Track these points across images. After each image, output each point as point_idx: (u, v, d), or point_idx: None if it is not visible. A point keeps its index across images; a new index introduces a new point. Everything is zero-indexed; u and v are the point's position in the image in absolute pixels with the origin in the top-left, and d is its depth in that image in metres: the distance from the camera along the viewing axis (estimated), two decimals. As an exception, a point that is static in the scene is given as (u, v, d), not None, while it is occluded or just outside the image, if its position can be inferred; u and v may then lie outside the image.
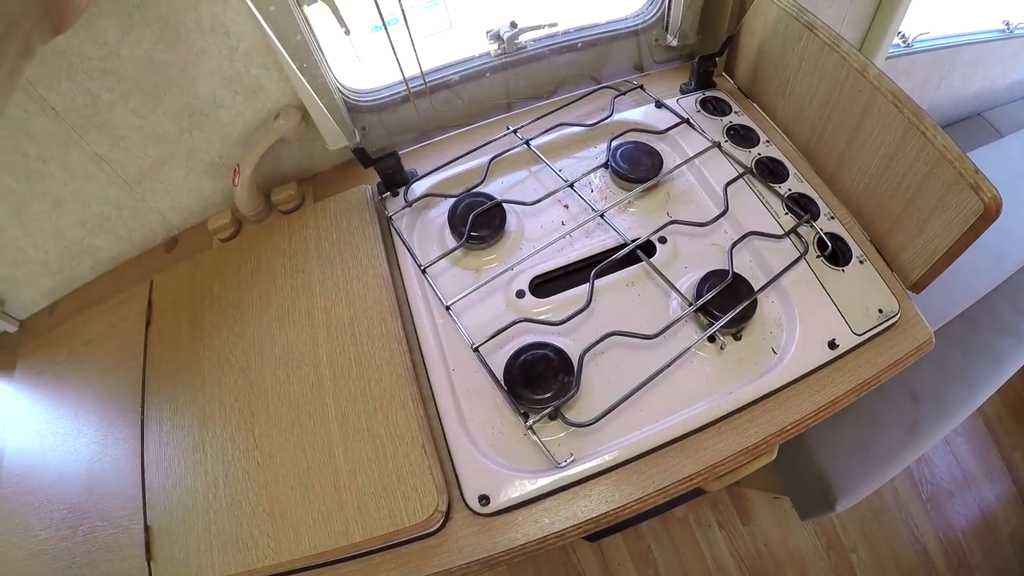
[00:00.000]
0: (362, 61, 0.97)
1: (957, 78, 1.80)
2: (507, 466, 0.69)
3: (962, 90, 1.90)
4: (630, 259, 0.82)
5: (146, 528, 0.70)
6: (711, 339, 0.76)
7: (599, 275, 0.79)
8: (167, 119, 0.81)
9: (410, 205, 0.88)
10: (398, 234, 0.85)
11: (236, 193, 0.88)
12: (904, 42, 1.52)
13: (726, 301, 0.76)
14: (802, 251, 0.82)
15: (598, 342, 0.73)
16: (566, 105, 1.00)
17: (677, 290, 0.79)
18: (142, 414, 0.77)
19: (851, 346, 0.77)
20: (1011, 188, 1.64)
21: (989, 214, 0.69)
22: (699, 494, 1.45)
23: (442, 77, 0.95)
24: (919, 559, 1.88)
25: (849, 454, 1.36)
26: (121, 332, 0.85)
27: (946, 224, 0.75)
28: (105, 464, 0.75)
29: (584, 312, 0.76)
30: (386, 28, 0.80)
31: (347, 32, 0.81)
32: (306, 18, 0.79)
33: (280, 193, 0.92)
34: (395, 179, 0.90)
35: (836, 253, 0.84)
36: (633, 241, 0.82)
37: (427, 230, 0.88)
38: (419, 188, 0.90)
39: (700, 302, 0.76)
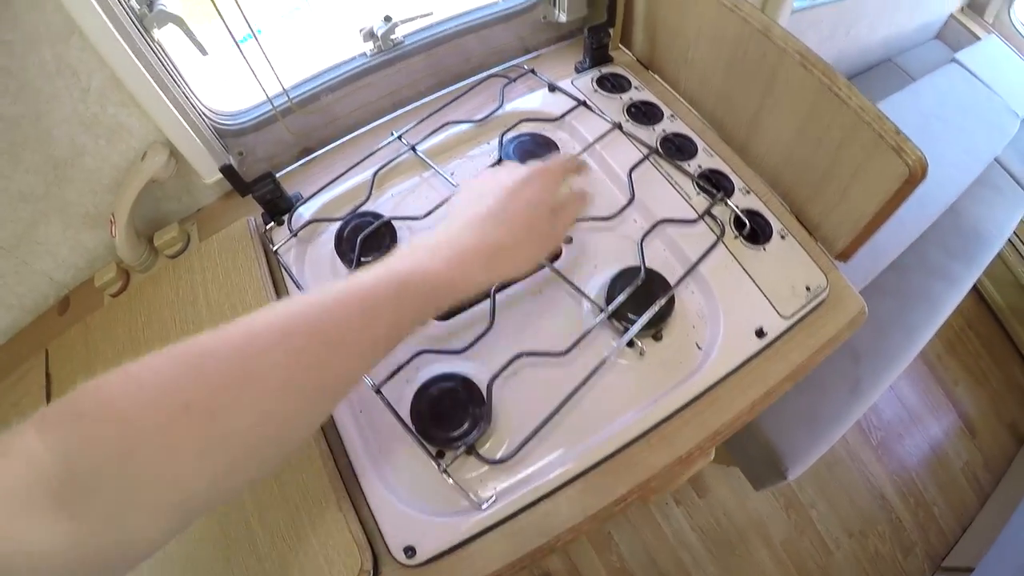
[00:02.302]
0: (230, 80, 0.88)
1: (864, 26, 1.79)
2: (429, 511, 0.62)
3: (870, 37, 1.90)
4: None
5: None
6: (629, 344, 0.69)
7: (500, 288, 0.72)
8: (31, 175, 0.73)
9: (295, 234, 0.79)
10: (285, 269, 0.77)
11: (116, 244, 0.79)
12: (805, -8, 1.48)
13: (641, 301, 0.70)
14: (719, 234, 0.77)
15: (506, 366, 0.67)
16: (453, 100, 0.92)
17: (587, 296, 0.73)
18: None
19: (781, 331, 0.73)
20: (927, 132, 1.65)
21: (915, 177, 0.64)
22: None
23: (313, 88, 0.87)
24: (877, 504, 1.92)
25: (795, 422, 1.35)
26: (24, 412, 0.75)
27: (869, 189, 0.70)
28: None
29: (488, 333, 0.69)
30: (238, 46, 0.72)
31: (204, 53, 0.72)
32: (155, 44, 0.71)
33: (162, 237, 0.83)
34: (278, 206, 0.81)
35: (755, 231, 0.79)
36: (533, 246, 0.75)
37: (318, 259, 0.80)
38: (305, 213, 0.82)
39: (611, 308, 0.70)
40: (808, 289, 0.75)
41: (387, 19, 0.88)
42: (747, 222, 0.78)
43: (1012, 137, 1.89)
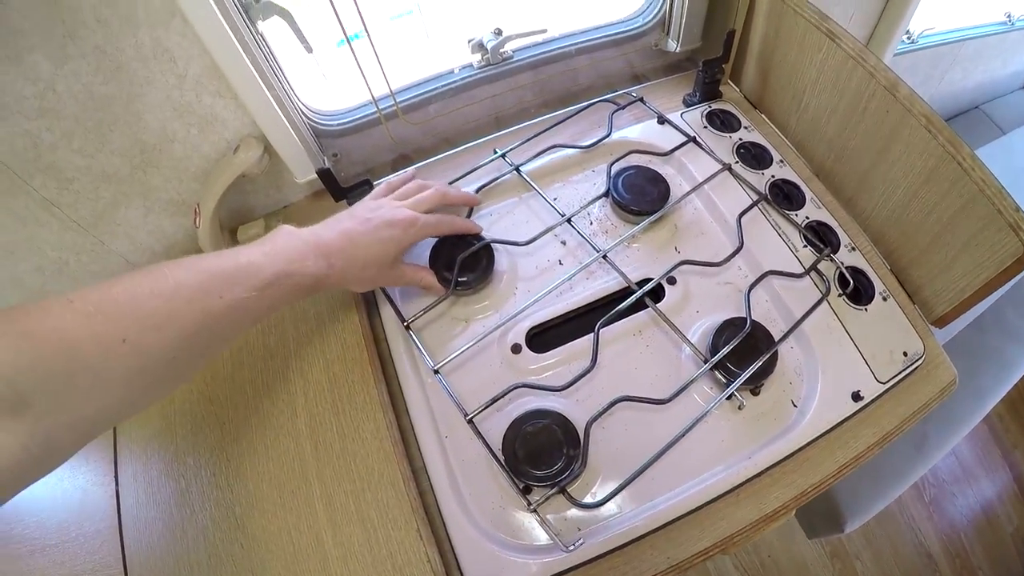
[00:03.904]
0: (329, 79, 0.87)
1: (958, 72, 1.74)
2: (510, 546, 0.61)
3: (962, 83, 1.84)
4: (636, 304, 0.73)
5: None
6: (729, 397, 0.67)
7: (604, 325, 0.70)
8: (116, 157, 0.72)
9: (389, 246, 0.78)
10: (377, 282, 0.76)
11: (199, 234, 0.79)
12: (910, 39, 1.44)
13: (744, 354, 0.68)
14: (824, 291, 0.74)
15: (606, 409, 0.65)
16: (559, 123, 0.90)
17: (690, 342, 0.70)
18: (116, 490, 0.68)
19: (876, 395, 0.70)
20: (1017, 188, 1.58)
21: None
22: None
23: (419, 95, 0.86)
24: (923, 562, 1.88)
25: (858, 475, 1.29)
26: None
27: (978, 262, 0.67)
28: (85, 530, 0.67)
29: (589, 373, 0.67)
30: (350, 44, 0.71)
31: (309, 50, 0.72)
32: (259, 36, 0.70)
33: (246, 232, 0.83)
34: (371, 213, 0.80)
35: (858, 290, 0.76)
36: (640, 285, 0.73)
37: (411, 275, 0.79)
38: (399, 224, 0.80)
39: (716, 359, 0.67)
40: (906, 355, 0.73)
41: (498, 32, 0.87)
42: (851, 280, 0.75)
43: None
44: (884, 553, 1.87)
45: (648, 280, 0.74)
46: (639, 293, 0.72)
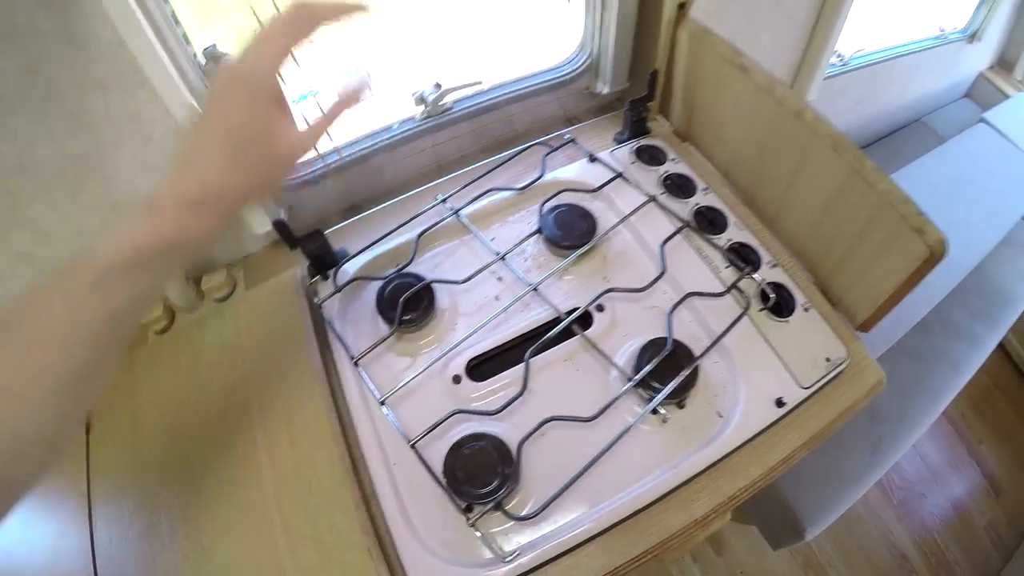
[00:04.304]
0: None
1: (895, 88, 1.82)
2: (455, 562, 0.66)
3: (900, 100, 1.92)
4: (567, 332, 0.79)
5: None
6: (654, 411, 0.73)
7: (534, 354, 0.76)
8: (89, 213, 0.78)
9: (339, 290, 0.84)
10: (328, 323, 0.82)
11: (165, 285, 0.84)
12: (841, 60, 1.52)
13: (666, 371, 0.74)
14: (744, 307, 0.81)
15: (536, 429, 0.71)
16: (497, 167, 0.97)
17: (615, 364, 0.76)
18: (91, 528, 0.72)
19: (799, 401, 0.76)
20: (954, 194, 1.66)
21: (935, 258, 0.68)
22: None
23: (366, 147, 0.92)
24: (898, 564, 1.91)
25: (813, 482, 1.36)
26: None
27: (891, 267, 0.73)
28: (60, 571, 0.70)
29: (520, 397, 0.73)
30: (297, 103, 0.77)
31: None
32: None
33: (210, 281, 0.88)
34: (324, 261, 0.86)
35: (780, 303, 0.82)
36: (568, 315, 0.79)
37: (360, 316, 0.85)
38: (349, 270, 0.87)
39: (638, 377, 0.73)
40: (828, 360, 0.78)
41: (437, 86, 0.94)
42: (772, 295, 0.82)
43: None
44: (857, 559, 1.89)
45: (576, 309, 0.80)
46: (566, 321, 0.78)
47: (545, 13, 1.06)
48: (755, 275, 0.84)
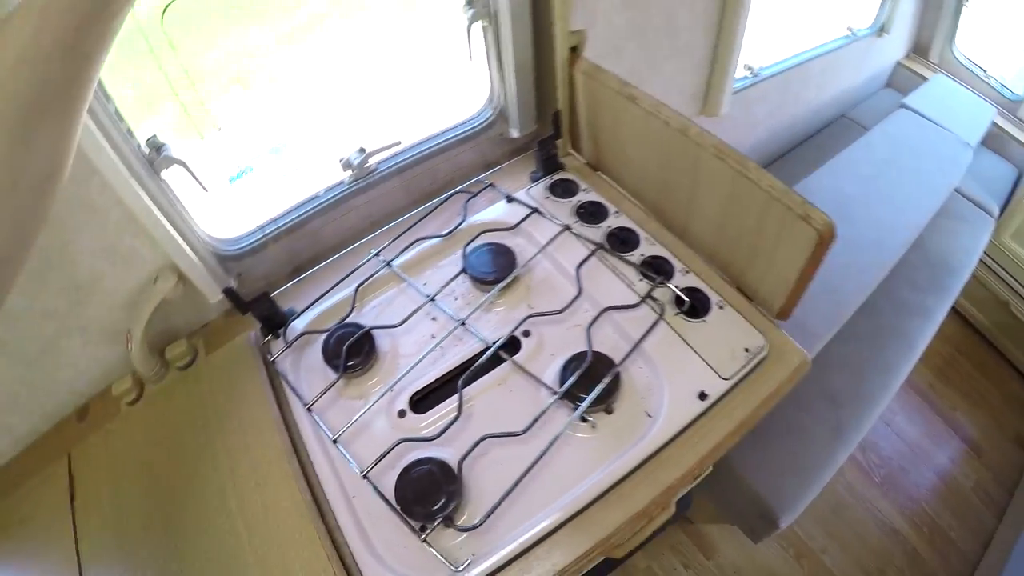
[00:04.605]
0: (227, 209, 1.02)
1: (812, 89, 1.91)
2: (414, 578, 0.72)
3: (820, 99, 2.01)
4: (499, 358, 0.87)
5: None
6: (584, 419, 0.80)
7: (467, 383, 0.84)
8: (55, 297, 0.85)
9: (290, 346, 0.92)
10: (282, 377, 0.90)
11: (132, 357, 0.91)
12: (752, 72, 1.62)
13: (589, 381, 0.81)
14: (659, 313, 0.89)
15: (473, 448, 0.78)
16: (424, 217, 1.06)
17: (542, 382, 0.84)
18: None
19: (722, 392, 0.83)
20: (881, 180, 1.73)
21: (824, 239, 0.75)
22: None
23: (301, 213, 1.01)
24: (891, 539, 1.91)
25: (780, 471, 1.41)
26: (49, 509, 0.87)
27: (790, 254, 0.81)
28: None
29: (457, 422, 0.80)
30: (233, 180, 0.85)
31: (205, 189, 0.87)
32: (163, 184, 0.85)
33: (173, 351, 0.95)
34: (274, 321, 0.94)
35: (695, 306, 0.90)
36: (494, 344, 0.87)
37: (310, 367, 0.92)
38: (297, 327, 0.95)
39: (563, 389, 0.81)
40: (747, 351, 0.86)
41: (361, 150, 1.02)
42: (687, 299, 0.89)
43: (967, 166, 1.97)
44: (849, 541, 1.90)
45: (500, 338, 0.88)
46: (492, 349, 0.86)
47: (455, 70, 1.15)
48: (670, 283, 0.92)
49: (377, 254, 1.01)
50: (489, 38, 1.03)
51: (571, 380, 0.81)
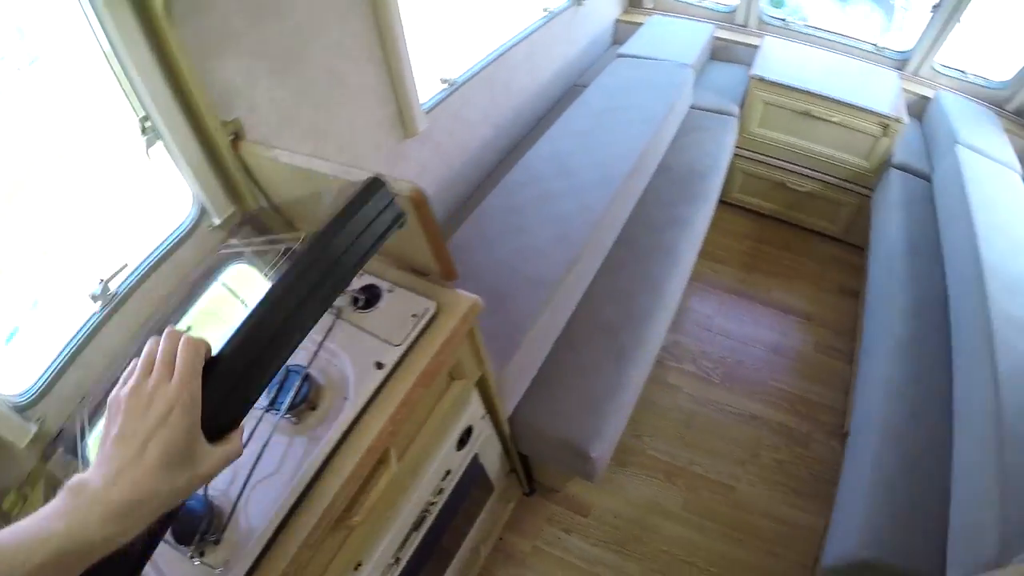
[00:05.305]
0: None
1: (524, 75, 2.08)
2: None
3: (540, 79, 2.18)
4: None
5: None
6: (294, 421, 0.98)
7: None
8: None
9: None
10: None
11: None
12: (449, 84, 1.81)
13: (287, 388, 0.99)
14: (335, 315, 1.08)
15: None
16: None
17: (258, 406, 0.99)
18: None
19: (399, 356, 1.02)
20: (599, 127, 1.92)
21: (419, 201, 0.95)
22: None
23: (75, 344, 1.13)
24: (754, 425, 2.01)
25: (575, 411, 1.51)
26: None
27: (415, 226, 0.99)
28: None
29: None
30: (8, 342, 0.99)
31: None
32: None
33: (7, 502, 1.02)
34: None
35: (369, 299, 1.09)
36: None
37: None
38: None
39: (266, 403, 0.97)
40: (414, 316, 1.05)
41: (102, 280, 1.18)
42: (361, 296, 1.09)
43: (691, 83, 2.22)
44: (713, 444, 1.97)
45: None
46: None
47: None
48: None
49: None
50: (167, 152, 1.21)
51: (272, 394, 0.99)
